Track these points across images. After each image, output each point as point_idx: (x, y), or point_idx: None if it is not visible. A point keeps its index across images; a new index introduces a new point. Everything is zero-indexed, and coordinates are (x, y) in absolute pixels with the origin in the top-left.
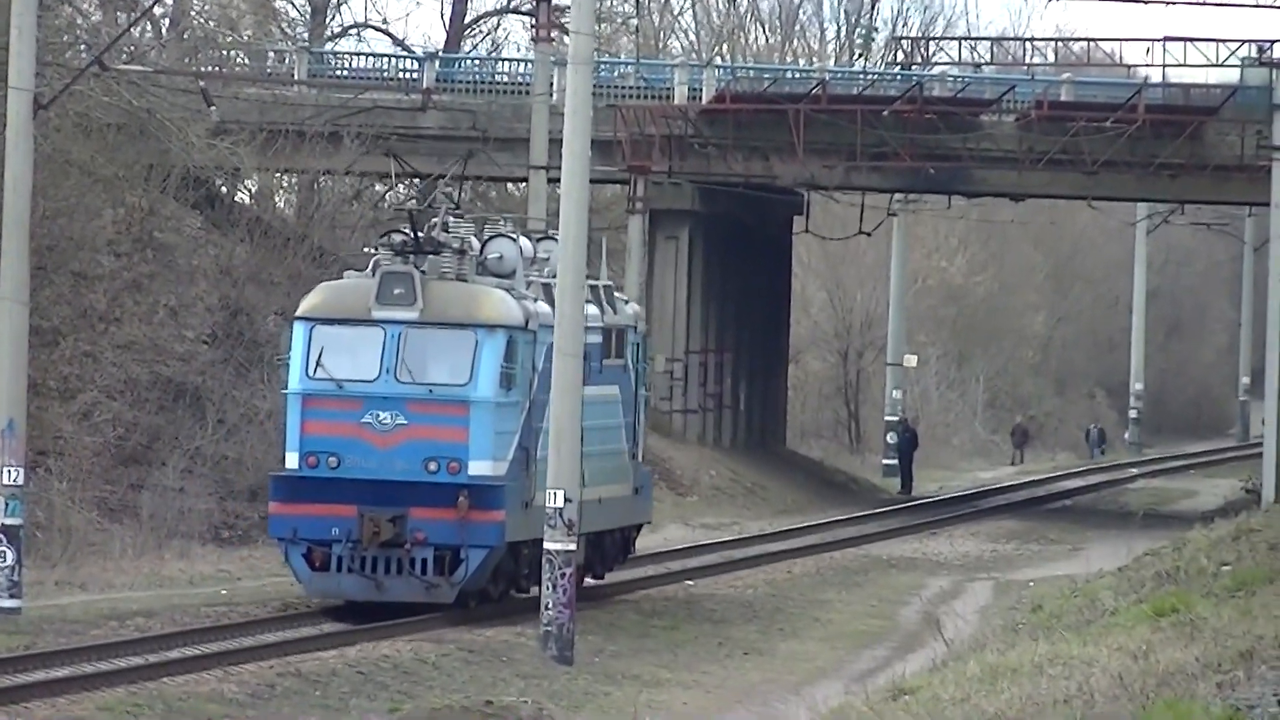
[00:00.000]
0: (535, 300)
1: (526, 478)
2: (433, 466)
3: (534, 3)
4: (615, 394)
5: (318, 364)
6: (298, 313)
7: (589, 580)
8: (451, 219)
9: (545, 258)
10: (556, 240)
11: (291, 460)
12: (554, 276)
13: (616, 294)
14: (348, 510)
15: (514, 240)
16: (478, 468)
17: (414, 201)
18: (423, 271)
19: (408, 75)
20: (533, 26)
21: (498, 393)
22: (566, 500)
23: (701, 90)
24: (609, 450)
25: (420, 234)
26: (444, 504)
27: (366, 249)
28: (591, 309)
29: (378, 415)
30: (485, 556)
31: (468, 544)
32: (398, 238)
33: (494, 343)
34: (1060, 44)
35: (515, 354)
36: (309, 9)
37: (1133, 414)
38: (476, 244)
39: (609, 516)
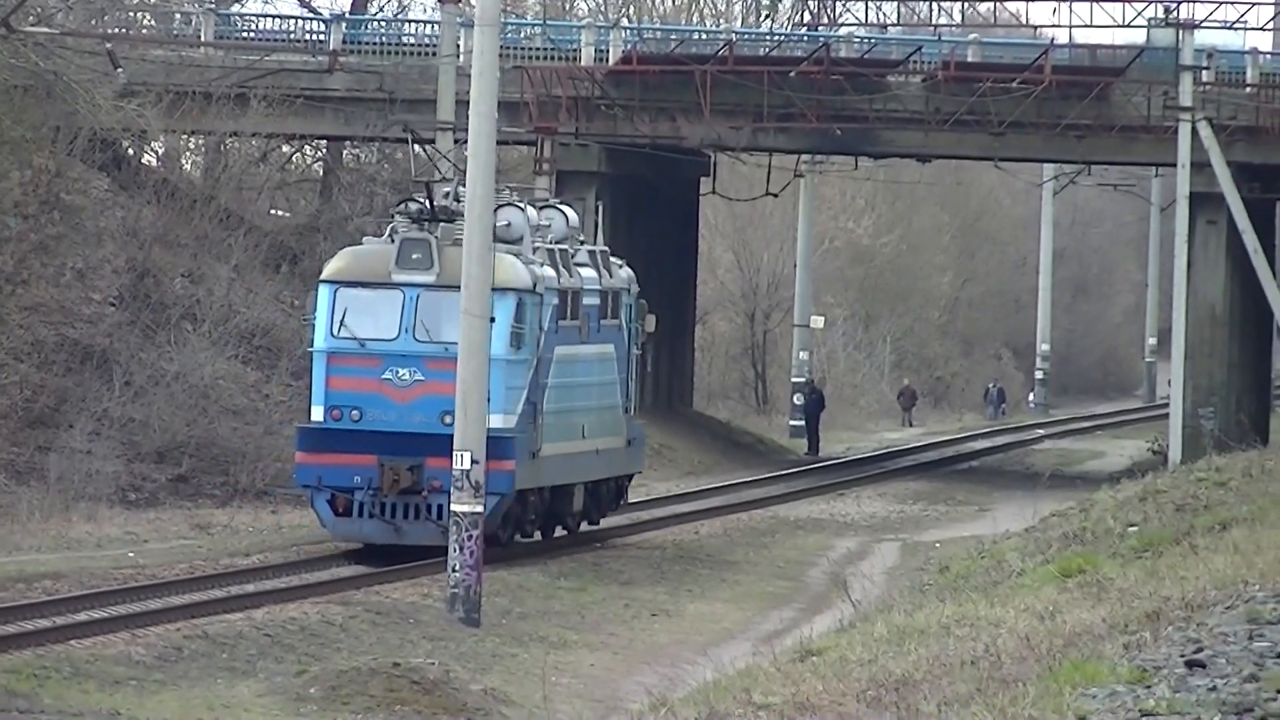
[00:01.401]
0: (542, 265)
1: (534, 430)
2: (448, 419)
3: None
4: (610, 352)
5: (341, 324)
6: (322, 276)
7: (585, 525)
8: (462, 188)
9: (547, 225)
10: (558, 209)
11: (317, 413)
12: (557, 243)
13: (612, 259)
14: (369, 460)
15: (521, 209)
16: (491, 421)
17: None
18: (437, 238)
19: (314, 37)
20: None
21: (508, 351)
22: (473, 462)
23: (608, 51)
24: (605, 405)
25: (435, 203)
26: None
27: (274, 211)
28: (589, 272)
29: (397, 371)
30: (497, 503)
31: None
32: (414, 206)
33: (505, 304)
34: (966, 5)
35: (524, 315)
36: None
37: (1039, 374)
38: None
39: (604, 466)
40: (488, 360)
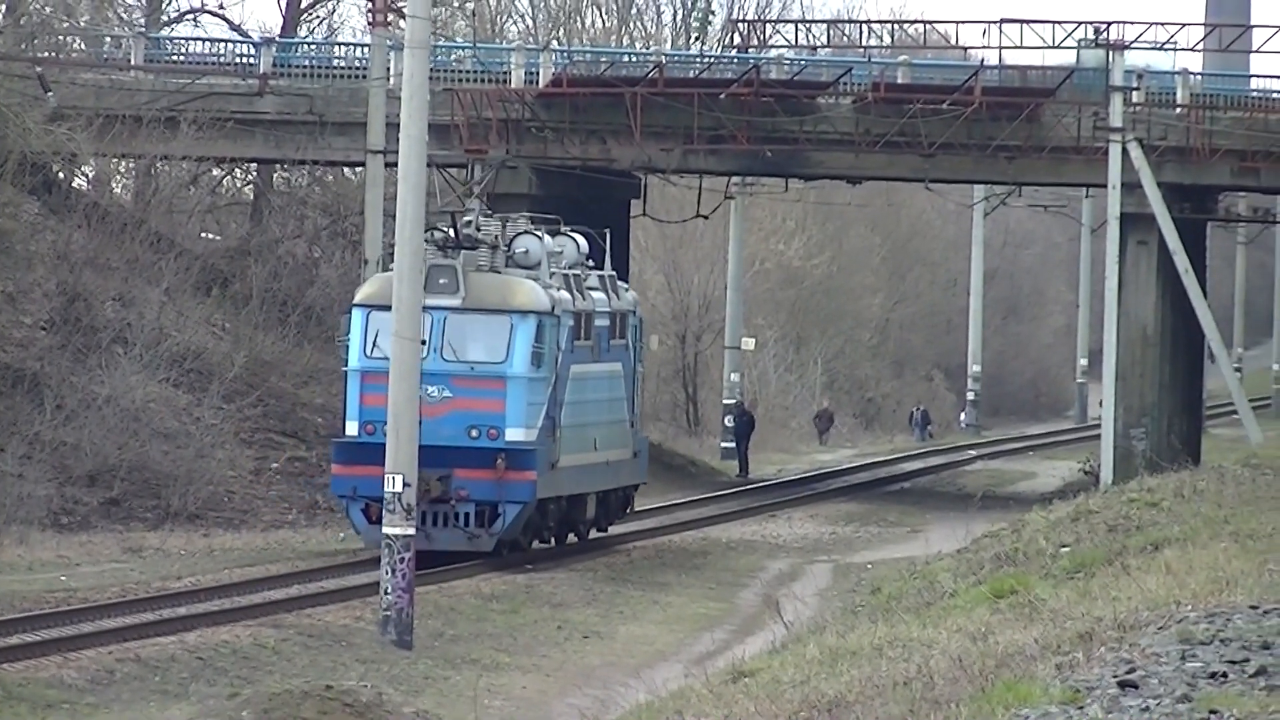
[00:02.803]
0: (558, 289)
1: (553, 442)
2: (474, 433)
3: None
4: (619, 370)
5: (374, 344)
6: (355, 300)
7: (595, 534)
8: (483, 218)
9: (559, 251)
10: (569, 236)
11: (351, 428)
12: (570, 268)
13: (619, 283)
14: None
15: (539, 238)
16: (513, 434)
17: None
18: (461, 264)
19: (244, 60)
20: (369, 10)
21: (529, 369)
22: (405, 485)
23: (538, 74)
24: (614, 419)
25: (459, 231)
26: (484, 465)
27: (204, 235)
28: (600, 295)
29: (427, 389)
30: (520, 511)
31: (505, 500)
32: (439, 235)
33: (526, 326)
34: (896, 26)
35: (544, 336)
36: None
37: (970, 395)
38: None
39: (614, 477)
40: (416, 386)
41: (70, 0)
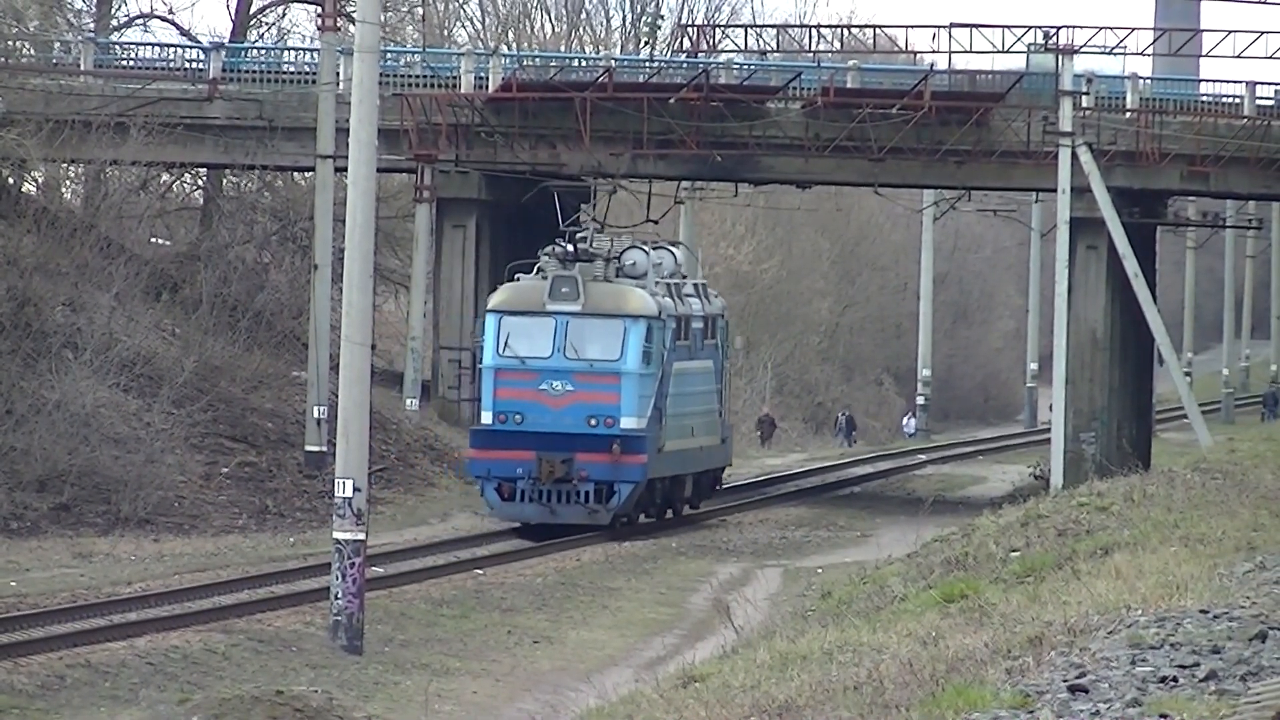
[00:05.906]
0: (662, 296)
1: (660, 430)
2: (593, 422)
3: None
4: (710, 367)
5: (505, 345)
6: (489, 307)
7: (687, 510)
8: (597, 235)
9: (659, 263)
10: (667, 249)
11: (486, 418)
12: (670, 277)
13: (709, 290)
14: (529, 455)
15: (645, 251)
16: (626, 423)
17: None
18: (579, 275)
19: (194, 65)
20: (318, 15)
21: (640, 366)
22: (355, 490)
23: (488, 79)
24: (706, 410)
25: (577, 246)
26: (602, 450)
27: (154, 240)
28: (695, 301)
29: (551, 383)
30: (632, 489)
31: (619, 480)
32: (560, 250)
33: (638, 329)
34: (846, 31)
35: (652, 337)
36: None
37: (920, 400)
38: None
39: (707, 460)
40: (366, 391)
41: (19, 5)
